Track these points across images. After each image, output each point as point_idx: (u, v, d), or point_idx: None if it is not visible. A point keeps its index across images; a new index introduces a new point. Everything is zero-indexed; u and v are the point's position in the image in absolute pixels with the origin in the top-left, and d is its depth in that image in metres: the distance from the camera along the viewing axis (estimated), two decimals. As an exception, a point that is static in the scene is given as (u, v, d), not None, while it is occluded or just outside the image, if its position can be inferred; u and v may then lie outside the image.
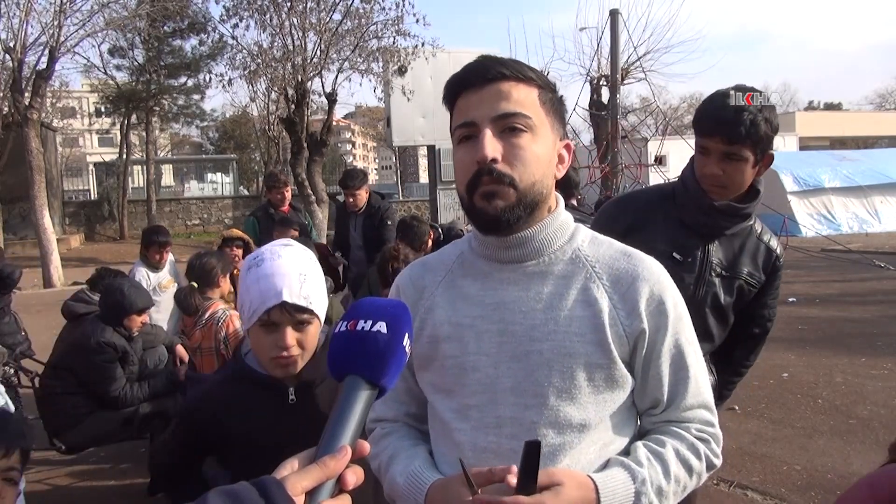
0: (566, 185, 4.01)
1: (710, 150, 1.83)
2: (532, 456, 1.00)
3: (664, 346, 1.19)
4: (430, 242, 3.96)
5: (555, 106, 1.19)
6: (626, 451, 1.18)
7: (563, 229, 1.22)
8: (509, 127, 1.12)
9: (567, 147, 1.23)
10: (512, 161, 1.12)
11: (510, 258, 1.20)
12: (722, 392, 2.14)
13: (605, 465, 1.15)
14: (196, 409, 1.62)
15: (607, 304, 1.16)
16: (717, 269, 1.92)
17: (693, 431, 1.20)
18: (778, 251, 2.01)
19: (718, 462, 1.23)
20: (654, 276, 1.20)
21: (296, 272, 1.47)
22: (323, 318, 1.55)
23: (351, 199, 5.43)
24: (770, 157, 1.89)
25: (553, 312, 1.16)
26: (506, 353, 1.17)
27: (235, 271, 3.79)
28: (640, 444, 1.18)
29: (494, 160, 1.11)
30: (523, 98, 1.14)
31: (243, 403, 1.54)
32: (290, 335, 1.47)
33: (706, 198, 1.89)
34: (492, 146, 1.11)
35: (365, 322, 0.84)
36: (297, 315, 1.46)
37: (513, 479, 1.02)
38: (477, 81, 1.15)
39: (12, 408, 1.93)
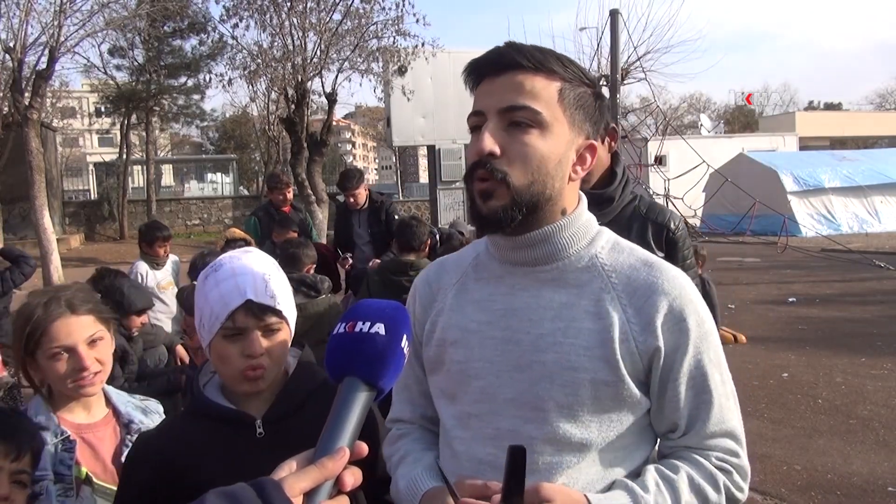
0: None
1: None
2: (517, 462, 0.93)
3: (683, 366, 1.09)
4: (427, 246, 3.94)
5: (582, 102, 1.11)
6: (638, 474, 1.10)
7: (581, 233, 1.14)
8: (515, 121, 1.06)
9: (591, 148, 1.14)
10: (512, 157, 1.06)
11: (522, 260, 1.14)
12: None
13: (609, 487, 1.08)
14: (145, 452, 1.39)
15: (620, 318, 1.08)
16: None
17: (713, 460, 1.10)
18: (671, 225, 2.03)
19: (742, 497, 1.12)
20: (676, 290, 1.10)
21: (259, 272, 1.33)
22: (293, 328, 1.40)
23: (352, 199, 5.47)
24: (613, 131, 1.95)
25: (561, 323, 1.09)
26: (509, 362, 1.11)
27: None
28: (651, 467, 1.10)
29: (493, 154, 1.05)
30: (538, 91, 1.06)
31: (202, 442, 1.33)
32: (259, 340, 1.30)
33: None
34: (492, 140, 1.05)
35: (363, 323, 0.84)
36: (264, 317, 1.31)
37: (499, 498, 0.95)
38: (492, 69, 1.09)
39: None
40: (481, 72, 1.10)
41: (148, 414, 1.72)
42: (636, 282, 1.10)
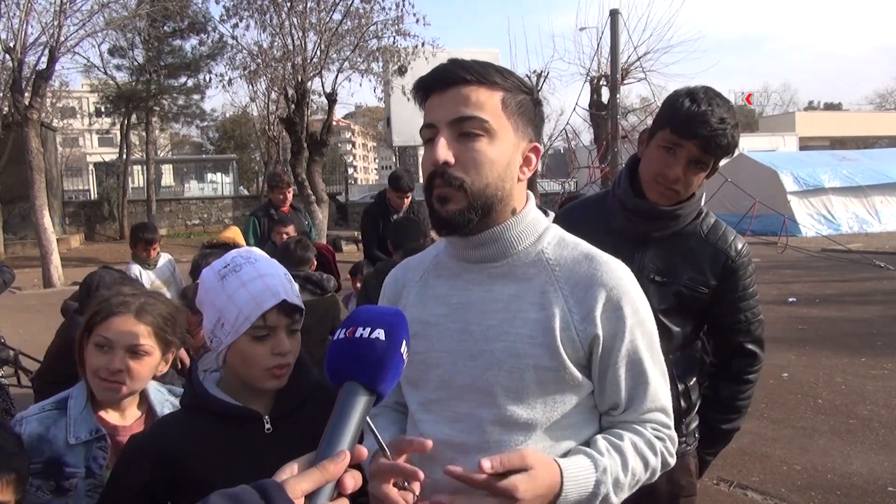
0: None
1: (681, 150, 1.75)
2: None
3: (621, 351, 1.20)
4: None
5: (523, 109, 1.21)
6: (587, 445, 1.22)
7: (529, 230, 1.24)
8: (465, 131, 1.15)
9: (535, 150, 1.24)
10: (465, 164, 1.15)
11: (476, 258, 1.24)
12: (735, 404, 2.01)
13: (568, 454, 1.18)
14: (141, 454, 1.36)
15: (561, 308, 1.18)
16: (652, 275, 1.82)
17: (650, 430, 1.23)
18: (732, 252, 1.85)
19: (673, 461, 1.27)
20: (614, 281, 1.20)
21: (281, 272, 1.38)
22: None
23: (404, 201, 5.41)
24: (715, 170, 1.86)
25: (509, 314, 1.19)
26: (463, 351, 1.21)
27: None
28: (599, 436, 1.21)
29: (447, 163, 1.14)
30: (483, 101, 1.16)
31: (208, 438, 1.33)
32: (287, 339, 1.35)
33: (634, 200, 1.84)
34: (445, 150, 1.14)
35: (363, 329, 0.86)
36: (293, 315, 1.36)
37: (486, 464, 1.04)
38: (439, 85, 1.19)
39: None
40: (429, 88, 1.20)
41: None
42: (577, 275, 1.21)
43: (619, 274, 1.22)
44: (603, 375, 1.21)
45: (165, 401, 1.71)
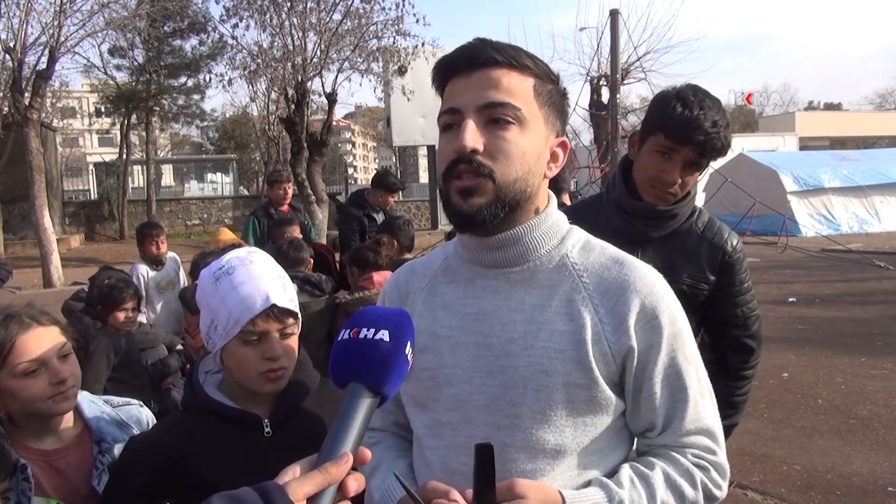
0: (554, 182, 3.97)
1: (676, 155, 1.75)
2: (484, 460, 0.92)
3: (658, 365, 1.07)
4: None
5: (552, 99, 1.10)
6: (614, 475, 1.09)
7: (552, 232, 1.12)
8: (495, 118, 1.03)
9: (563, 145, 1.13)
10: (494, 154, 1.03)
11: (493, 262, 1.11)
12: (731, 399, 2.02)
13: (584, 486, 1.07)
14: (142, 457, 1.35)
15: (592, 319, 1.06)
16: None
17: (689, 457, 1.09)
18: (728, 247, 1.87)
19: (720, 494, 1.11)
20: (648, 287, 1.08)
21: (275, 275, 1.35)
22: (299, 327, 1.41)
23: (389, 200, 5.43)
24: (707, 166, 1.88)
25: (532, 325, 1.07)
26: (481, 367, 1.08)
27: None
28: (626, 465, 1.09)
29: (475, 151, 1.02)
30: (515, 87, 1.04)
31: (209, 440, 1.32)
32: (279, 343, 1.33)
33: (630, 202, 1.84)
34: (473, 136, 1.02)
35: (368, 330, 0.85)
36: (284, 320, 1.33)
37: (471, 494, 0.95)
38: (466, 66, 1.06)
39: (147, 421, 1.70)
40: (455, 68, 1.07)
41: (123, 428, 1.59)
42: (607, 281, 1.09)
43: (652, 280, 1.10)
44: (637, 393, 1.08)
45: (101, 412, 1.59)
